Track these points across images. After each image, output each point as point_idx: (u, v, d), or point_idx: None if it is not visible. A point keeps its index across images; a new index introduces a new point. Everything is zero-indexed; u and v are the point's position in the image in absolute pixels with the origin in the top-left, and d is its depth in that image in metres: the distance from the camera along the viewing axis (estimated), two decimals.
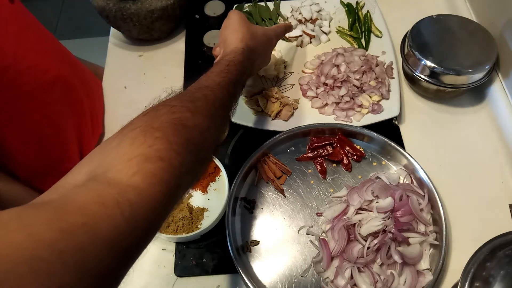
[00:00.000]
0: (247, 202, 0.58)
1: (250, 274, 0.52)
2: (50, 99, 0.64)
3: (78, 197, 0.26)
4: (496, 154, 0.62)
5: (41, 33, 0.66)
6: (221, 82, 0.43)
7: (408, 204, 0.53)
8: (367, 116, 0.65)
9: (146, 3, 0.71)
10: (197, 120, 0.37)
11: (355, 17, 0.77)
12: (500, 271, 0.42)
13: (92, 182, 0.29)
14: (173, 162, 0.32)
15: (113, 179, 0.29)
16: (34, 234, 0.22)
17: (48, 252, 0.21)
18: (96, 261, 0.24)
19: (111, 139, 0.33)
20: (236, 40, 0.52)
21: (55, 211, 0.24)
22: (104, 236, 0.25)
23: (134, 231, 0.27)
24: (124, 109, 0.72)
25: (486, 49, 0.63)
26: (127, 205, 0.27)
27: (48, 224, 0.23)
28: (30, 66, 0.59)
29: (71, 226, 0.23)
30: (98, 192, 0.27)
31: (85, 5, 0.88)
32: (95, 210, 0.25)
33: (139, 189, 0.29)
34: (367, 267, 0.50)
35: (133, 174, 0.29)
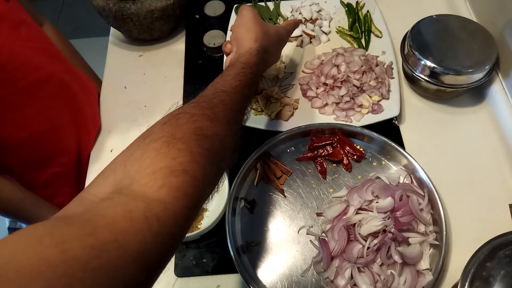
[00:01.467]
0: (247, 202, 0.58)
1: (250, 274, 0.52)
2: (45, 95, 0.65)
3: (107, 212, 0.27)
4: (496, 154, 0.62)
5: (34, 30, 0.66)
6: (237, 86, 0.43)
7: (408, 204, 0.53)
8: (367, 116, 0.65)
9: (146, 3, 0.71)
10: (216, 129, 0.36)
11: (355, 17, 0.77)
12: (500, 271, 0.42)
13: (119, 195, 0.29)
14: (197, 175, 0.32)
15: (139, 193, 0.29)
16: (67, 251, 0.22)
17: (81, 270, 0.22)
18: (126, 276, 0.24)
19: (133, 149, 0.33)
20: (250, 40, 0.50)
21: (86, 226, 0.25)
22: (133, 251, 0.25)
23: (161, 245, 0.27)
24: (124, 109, 0.72)
25: (486, 49, 0.63)
26: (155, 220, 0.27)
27: (80, 241, 0.23)
28: (25, 63, 0.60)
29: (102, 243, 0.24)
30: (127, 207, 0.27)
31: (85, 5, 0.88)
32: (125, 226, 0.26)
33: (165, 204, 0.29)
34: (367, 267, 0.50)
35: (158, 188, 0.29)
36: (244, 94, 0.44)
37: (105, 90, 0.74)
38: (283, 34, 0.59)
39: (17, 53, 0.58)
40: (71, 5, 2.06)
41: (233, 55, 0.51)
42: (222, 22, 0.80)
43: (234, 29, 0.54)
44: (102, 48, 0.81)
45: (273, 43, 0.54)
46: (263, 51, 0.50)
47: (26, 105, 0.61)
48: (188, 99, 0.70)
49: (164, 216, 0.28)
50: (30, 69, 0.61)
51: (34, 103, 0.63)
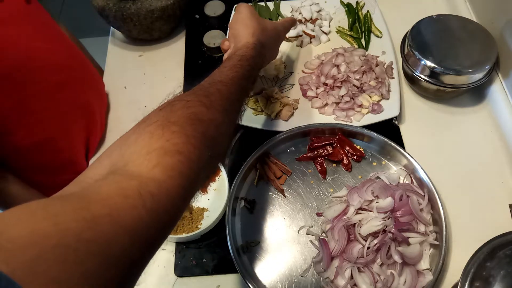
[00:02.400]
0: (247, 202, 0.58)
1: (250, 274, 0.52)
2: (60, 99, 0.64)
3: (101, 189, 0.27)
4: (496, 154, 0.62)
5: (54, 32, 0.66)
6: (234, 77, 0.43)
7: (408, 204, 0.53)
8: (367, 116, 0.65)
9: (146, 3, 0.71)
10: (212, 115, 0.37)
11: (355, 17, 0.77)
12: (500, 271, 0.42)
13: (114, 175, 0.29)
14: (191, 156, 0.32)
15: (134, 172, 0.29)
16: (60, 223, 0.22)
17: (74, 241, 0.22)
18: (120, 251, 0.24)
19: (128, 134, 0.34)
20: (247, 35, 0.51)
21: (80, 201, 0.25)
22: (127, 226, 0.25)
23: (155, 222, 0.28)
24: (124, 109, 0.72)
25: (486, 49, 0.63)
26: (149, 197, 0.27)
27: (74, 214, 0.23)
28: (42, 66, 0.59)
29: (96, 216, 0.24)
30: (121, 184, 0.27)
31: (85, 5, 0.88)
32: (118, 201, 0.26)
33: (159, 182, 0.29)
34: (367, 267, 0.50)
35: (153, 167, 0.30)
36: (241, 85, 0.44)
37: (105, 90, 0.74)
38: (280, 30, 0.60)
39: (34, 55, 0.58)
40: (71, 5, 2.06)
41: (231, 50, 0.52)
42: (222, 22, 0.80)
43: (232, 26, 0.55)
44: (102, 48, 0.81)
45: (270, 39, 0.55)
46: (260, 46, 0.51)
47: (42, 109, 0.61)
48: None
49: (158, 194, 0.28)
50: (46, 72, 0.60)
51: (50, 107, 0.62)
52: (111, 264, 0.23)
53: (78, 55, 0.71)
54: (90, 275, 0.22)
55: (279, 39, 0.60)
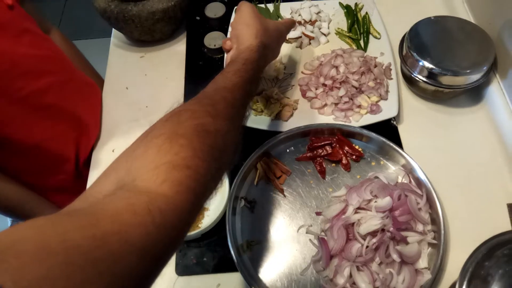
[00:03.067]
0: (247, 201, 0.59)
1: (250, 273, 0.52)
2: (45, 104, 0.64)
3: (110, 205, 0.27)
4: (494, 154, 0.62)
5: (38, 38, 0.66)
6: (238, 83, 0.43)
7: (406, 203, 0.54)
8: (365, 117, 0.65)
9: (147, 5, 0.71)
10: (219, 125, 0.36)
11: (354, 18, 0.77)
12: (498, 270, 0.42)
13: (122, 190, 0.29)
14: (199, 170, 0.32)
15: (142, 188, 0.29)
16: (68, 240, 0.22)
17: (82, 259, 0.22)
18: (128, 268, 0.24)
19: (135, 146, 0.33)
20: (250, 36, 0.50)
21: (88, 218, 0.25)
22: (136, 244, 0.25)
23: (164, 238, 0.27)
24: (126, 110, 0.72)
25: (483, 50, 0.63)
26: (157, 212, 0.27)
27: (82, 231, 0.23)
28: (25, 72, 0.60)
29: (105, 234, 0.24)
30: (129, 201, 0.27)
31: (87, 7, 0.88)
32: (127, 218, 0.26)
33: (167, 197, 0.29)
34: (366, 266, 0.51)
35: (161, 183, 0.29)
36: (246, 90, 0.44)
37: (106, 91, 0.75)
38: (282, 30, 0.59)
39: (18, 62, 0.58)
40: (73, 7, 2.07)
41: (234, 51, 0.51)
42: (222, 24, 0.80)
43: (234, 25, 0.54)
44: (104, 49, 0.82)
45: (273, 39, 0.54)
46: (263, 47, 0.50)
47: (24, 115, 0.61)
48: (189, 100, 0.71)
49: (167, 209, 0.28)
50: (29, 79, 0.60)
51: (33, 113, 0.62)
52: (119, 283, 0.23)
53: (63, 59, 0.71)
54: None
55: (281, 40, 0.59)
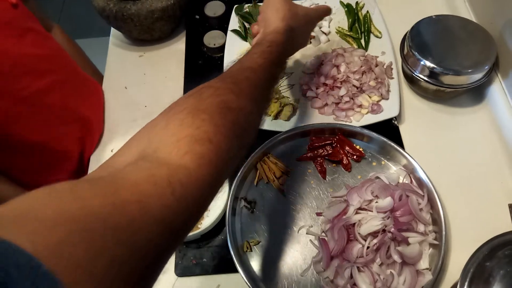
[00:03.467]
0: (247, 202, 0.58)
1: (250, 273, 0.52)
2: (47, 104, 0.64)
3: (131, 175, 0.26)
4: (495, 154, 0.62)
5: (41, 37, 0.66)
6: (263, 64, 0.42)
7: (407, 204, 0.53)
8: (366, 116, 0.65)
9: (146, 3, 0.71)
10: (241, 103, 0.36)
11: (355, 17, 0.77)
12: (500, 270, 0.42)
13: (143, 161, 0.29)
14: (221, 145, 0.32)
15: (163, 159, 0.29)
16: (88, 207, 0.21)
17: (101, 226, 0.21)
18: (147, 238, 0.24)
19: (157, 120, 0.33)
20: (277, 19, 0.49)
21: (108, 186, 0.24)
22: (156, 214, 0.25)
23: (183, 211, 0.27)
24: (125, 109, 0.72)
25: (485, 50, 0.63)
26: (178, 185, 0.27)
27: (102, 199, 0.23)
28: (29, 71, 0.59)
29: (124, 202, 0.23)
30: (150, 171, 0.27)
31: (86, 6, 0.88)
32: (148, 188, 0.25)
33: (189, 170, 0.28)
34: (366, 266, 0.50)
35: (183, 155, 0.29)
36: (270, 72, 0.43)
37: (105, 90, 0.74)
38: (312, 16, 0.57)
39: (22, 61, 0.58)
40: (72, 6, 2.06)
41: (260, 35, 0.50)
42: (222, 23, 0.80)
43: (262, 9, 0.53)
44: (102, 49, 0.81)
45: (301, 24, 0.53)
46: (290, 30, 0.49)
47: (28, 114, 0.61)
48: None
49: (188, 182, 0.28)
50: (33, 78, 0.60)
51: (36, 113, 0.62)
52: (137, 253, 0.23)
53: (65, 58, 0.71)
54: (115, 262, 0.21)
55: (310, 26, 0.58)
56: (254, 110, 0.38)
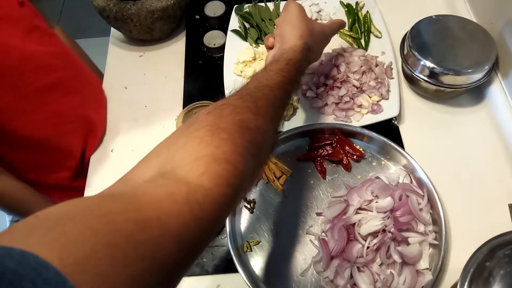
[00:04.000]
0: (247, 202, 0.58)
1: (250, 273, 0.52)
2: (51, 100, 0.64)
3: (151, 192, 0.27)
4: (495, 154, 0.62)
5: (47, 34, 0.66)
6: (280, 82, 0.43)
7: (407, 204, 0.53)
8: (366, 116, 0.65)
9: (146, 3, 0.71)
10: (259, 122, 0.37)
11: (355, 17, 0.77)
12: (500, 270, 0.42)
13: (162, 178, 0.30)
14: (238, 165, 0.32)
15: (182, 177, 0.29)
16: (112, 222, 0.22)
17: (124, 241, 0.22)
18: (166, 256, 0.24)
19: (177, 136, 0.34)
20: (295, 37, 0.50)
21: (131, 202, 0.25)
22: (174, 232, 0.25)
23: (200, 229, 0.28)
24: (125, 109, 0.72)
25: (485, 50, 0.63)
26: (196, 204, 0.28)
27: (125, 215, 0.24)
28: (34, 68, 0.60)
29: (145, 219, 0.24)
30: (170, 189, 0.28)
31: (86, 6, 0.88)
32: (167, 206, 0.26)
33: (206, 189, 0.29)
34: (366, 266, 0.50)
35: (201, 174, 0.30)
36: (286, 90, 0.44)
37: (105, 90, 0.74)
38: (327, 33, 0.58)
39: (27, 57, 0.58)
40: (72, 6, 2.06)
41: (276, 51, 0.51)
42: (222, 23, 0.80)
43: (279, 24, 0.54)
44: (102, 49, 0.81)
45: (317, 41, 0.54)
46: (307, 49, 0.50)
47: (32, 110, 0.61)
48: (188, 99, 0.71)
49: (205, 201, 0.28)
50: (38, 74, 0.61)
51: (40, 109, 0.62)
52: (157, 268, 0.23)
53: (70, 56, 0.72)
54: (136, 277, 0.22)
55: (325, 43, 0.59)
56: (270, 128, 0.39)
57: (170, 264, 0.25)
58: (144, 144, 0.35)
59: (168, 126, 0.68)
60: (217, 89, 0.71)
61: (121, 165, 0.36)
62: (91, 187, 0.64)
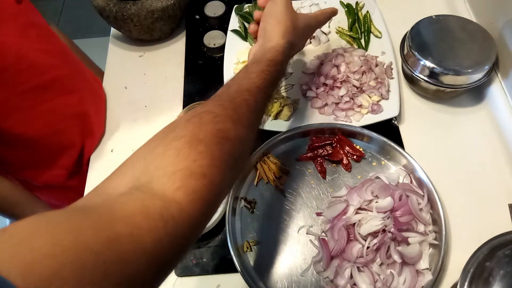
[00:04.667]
0: (247, 202, 0.58)
1: (250, 273, 0.52)
2: (47, 98, 0.64)
3: (124, 205, 0.27)
4: (495, 154, 0.62)
5: (45, 32, 0.66)
6: (261, 85, 0.42)
7: (407, 204, 0.53)
8: (366, 116, 0.65)
9: (146, 3, 0.71)
10: (238, 131, 0.36)
11: (355, 17, 0.77)
12: (500, 270, 0.42)
13: (137, 191, 0.29)
14: (215, 180, 0.32)
15: (157, 191, 0.29)
16: (82, 240, 0.22)
17: (92, 260, 0.22)
18: (136, 272, 0.24)
19: (154, 144, 0.33)
20: (278, 35, 0.48)
21: (103, 217, 0.25)
22: (147, 248, 0.25)
23: (173, 246, 0.28)
24: (125, 109, 0.72)
25: (485, 50, 0.63)
26: (171, 219, 0.27)
27: (96, 232, 0.23)
28: (31, 66, 0.60)
29: (117, 235, 0.24)
30: (144, 203, 0.27)
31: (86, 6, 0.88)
32: (141, 221, 0.26)
33: (181, 205, 0.29)
34: (366, 266, 0.50)
35: (177, 189, 0.29)
36: (267, 93, 0.43)
37: (105, 90, 0.74)
38: (313, 25, 0.56)
39: (24, 55, 0.58)
40: (72, 6, 2.07)
41: (258, 47, 0.49)
42: (222, 23, 0.80)
43: (263, 18, 0.52)
44: (102, 48, 0.81)
45: (300, 36, 0.53)
46: (289, 48, 0.49)
47: (27, 108, 0.61)
48: (188, 99, 0.71)
49: (179, 217, 0.28)
50: (34, 72, 0.60)
51: (35, 106, 0.62)
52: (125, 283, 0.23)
53: (69, 55, 0.71)
54: None
55: (309, 34, 0.56)
56: (249, 136, 0.38)
57: (140, 281, 0.24)
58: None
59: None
60: (217, 89, 0.70)
61: None
62: (91, 187, 0.64)
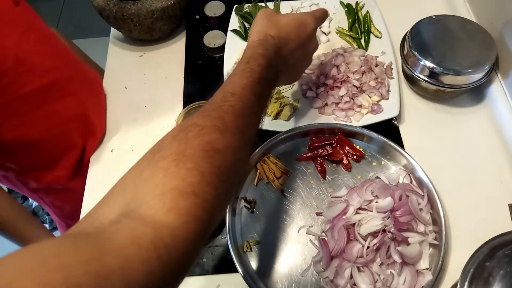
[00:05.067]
0: (247, 202, 0.58)
1: (250, 273, 0.52)
2: (47, 101, 0.64)
3: (115, 236, 0.26)
4: (495, 154, 0.62)
5: (44, 34, 0.66)
6: (245, 85, 0.40)
7: (407, 204, 0.53)
8: (366, 116, 0.65)
9: (146, 3, 0.71)
10: (228, 141, 0.34)
11: (355, 17, 0.77)
12: (500, 271, 0.42)
13: (127, 219, 0.28)
14: (207, 197, 0.30)
15: (147, 217, 0.28)
16: (71, 277, 0.21)
17: None
18: None
19: (143, 167, 0.32)
20: (252, 35, 0.48)
21: (93, 250, 0.24)
22: (138, 281, 0.24)
23: (166, 275, 0.27)
24: (125, 110, 0.72)
25: (485, 50, 0.63)
26: (163, 248, 0.26)
27: (86, 267, 0.23)
28: (30, 69, 0.59)
29: (108, 270, 0.23)
30: (134, 232, 0.26)
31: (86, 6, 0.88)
32: (132, 253, 0.25)
33: (173, 229, 0.28)
34: (366, 266, 0.50)
35: (167, 211, 0.28)
36: (255, 92, 0.40)
37: (105, 90, 0.74)
38: (303, 18, 0.53)
39: (23, 58, 0.58)
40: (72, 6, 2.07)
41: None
42: (222, 23, 0.80)
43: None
44: (102, 49, 0.81)
45: (286, 29, 0.50)
46: (271, 39, 0.47)
47: (26, 111, 0.61)
48: (188, 99, 0.71)
49: (173, 244, 0.27)
50: (34, 76, 0.60)
51: (36, 109, 0.62)
52: None
53: (69, 56, 0.71)
54: None
55: (304, 28, 0.52)
56: (241, 144, 0.36)
57: None
58: (144, 144, 0.35)
59: (168, 126, 0.68)
60: (217, 89, 0.71)
61: (121, 165, 0.36)
62: (91, 187, 0.64)
